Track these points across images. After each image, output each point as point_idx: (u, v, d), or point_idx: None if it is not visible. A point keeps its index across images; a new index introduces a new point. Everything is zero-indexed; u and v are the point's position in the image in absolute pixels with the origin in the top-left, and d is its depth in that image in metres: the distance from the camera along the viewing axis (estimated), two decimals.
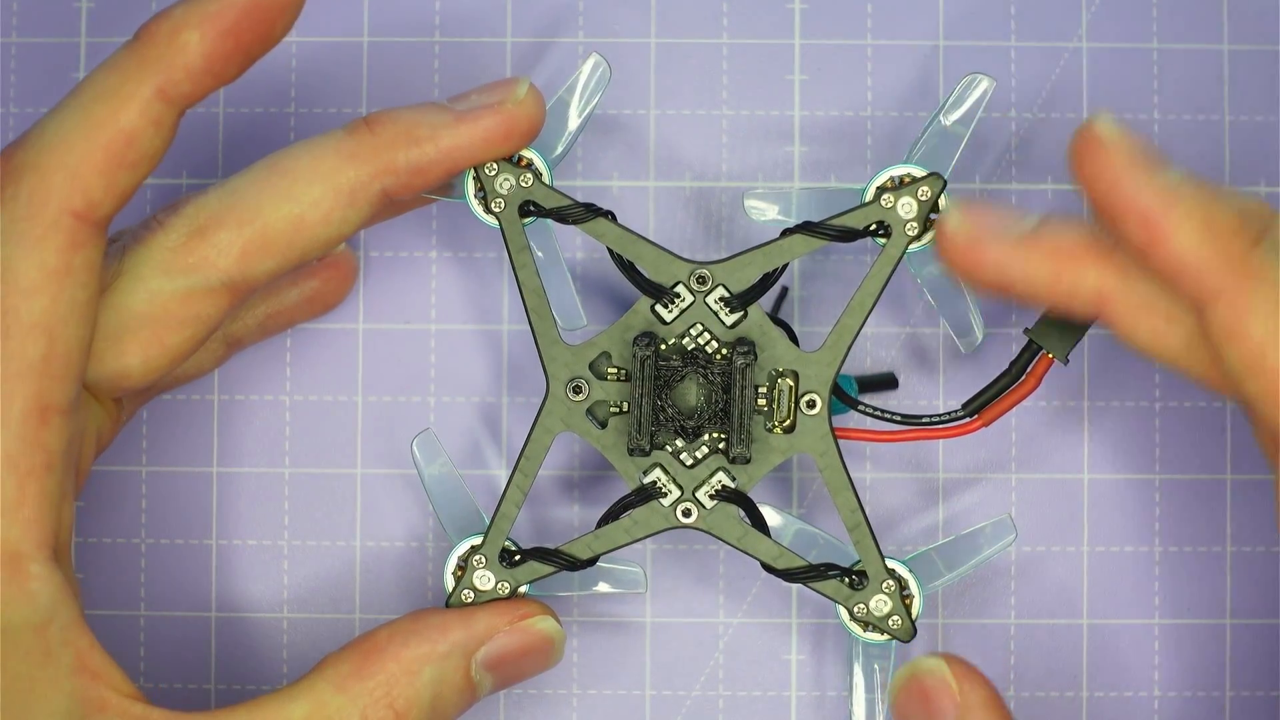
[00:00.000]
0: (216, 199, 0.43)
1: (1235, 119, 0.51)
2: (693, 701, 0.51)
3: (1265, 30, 0.51)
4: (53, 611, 0.40)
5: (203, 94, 0.41)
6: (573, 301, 0.47)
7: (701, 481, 0.45)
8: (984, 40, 0.51)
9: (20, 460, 0.40)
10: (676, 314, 0.45)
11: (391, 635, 0.43)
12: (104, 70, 0.41)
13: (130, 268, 0.43)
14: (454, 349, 0.51)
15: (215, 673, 0.51)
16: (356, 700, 0.42)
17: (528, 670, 0.45)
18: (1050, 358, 0.45)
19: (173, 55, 0.41)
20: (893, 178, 0.45)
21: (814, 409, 0.45)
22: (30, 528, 0.40)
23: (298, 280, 0.49)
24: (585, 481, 0.51)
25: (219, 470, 0.51)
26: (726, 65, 0.52)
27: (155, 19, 0.41)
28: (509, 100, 0.44)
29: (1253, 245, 0.39)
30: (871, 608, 0.45)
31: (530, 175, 0.45)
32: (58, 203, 0.40)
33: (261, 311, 0.49)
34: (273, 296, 0.49)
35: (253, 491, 0.51)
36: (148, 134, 0.41)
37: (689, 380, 0.45)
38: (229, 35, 0.41)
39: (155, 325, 0.43)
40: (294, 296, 0.49)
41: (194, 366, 0.48)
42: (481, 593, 0.45)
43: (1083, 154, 0.40)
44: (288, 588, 0.51)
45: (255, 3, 0.41)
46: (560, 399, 0.46)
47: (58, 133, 0.40)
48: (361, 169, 0.43)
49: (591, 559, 0.45)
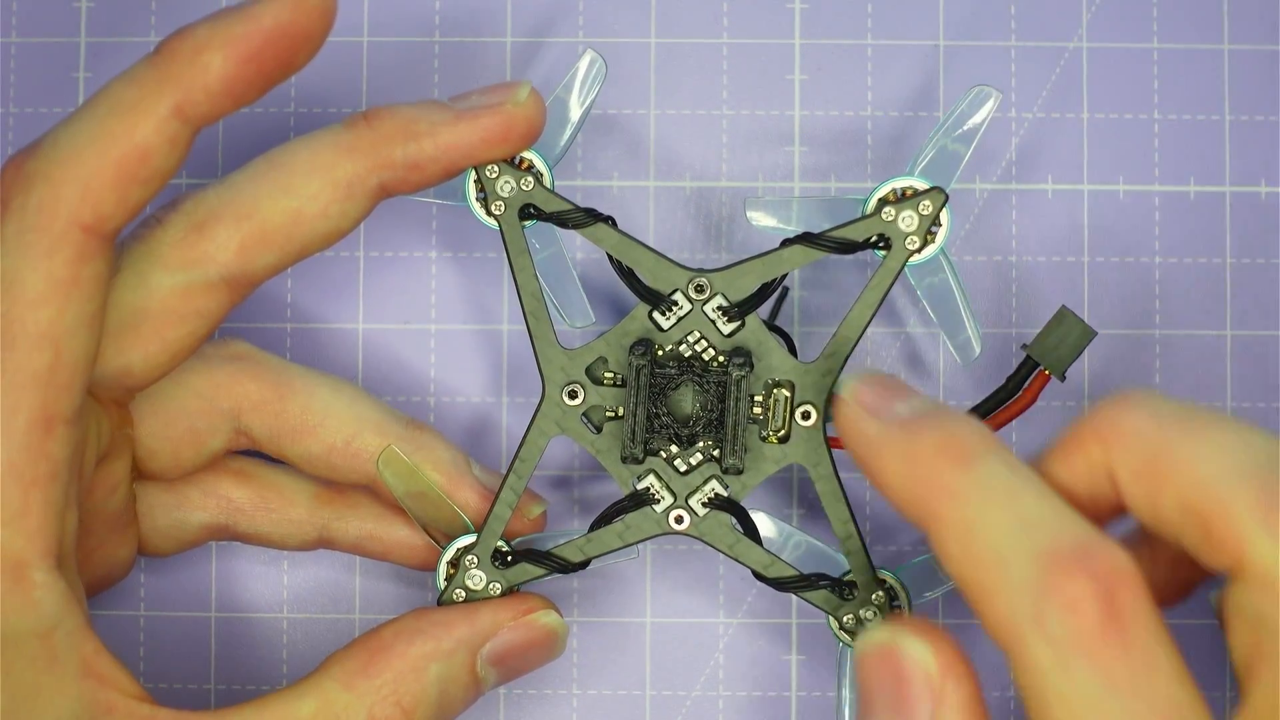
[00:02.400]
0: (215, 194, 0.43)
1: (1235, 119, 0.51)
2: (693, 701, 0.51)
3: (1265, 30, 0.51)
4: (58, 618, 0.40)
5: (219, 115, 0.41)
6: (580, 299, 0.47)
7: (695, 489, 0.45)
8: (984, 40, 0.51)
9: (25, 470, 0.40)
10: (674, 321, 0.45)
11: (397, 633, 0.44)
12: (122, 82, 0.41)
13: (129, 264, 0.43)
14: (454, 349, 0.51)
15: (215, 673, 0.51)
16: (364, 698, 0.42)
17: (532, 664, 0.45)
18: (1048, 374, 0.45)
19: (193, 75, 0.40)
20: (895, 190, 0.45)
21: (809, 420, 0.45)
22: (35, 537, 0.40)
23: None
24: (581, 481, 0.51)
25: None
26: (726, 65, 0.52)
27: (179, 35, 0.41)
28: (509, 102, 0.44)
29: (957, 465, 0.38)
30: (861, 618, 0.45)
31: (531, 178, 0.45)
32: (67, 215, 0.40)
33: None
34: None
35: None
36: (162, 151, 0.40)
37: (684, 388, 0.45)
38: (252, 60, 0.40)
39: (155, 321, 0.43)
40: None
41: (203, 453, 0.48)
42: (473, 592, 0.45)
43: (835, 419, 0.42)
44: (288, 588, 0.51)
45: (280, 30, 0.40)
46: (556, 402, 0.46)
47: (71, 144, 0.40)
48: (359, 163, 0.43)
49: (583, 562, 0.46)
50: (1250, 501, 0.35)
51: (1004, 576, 0.36)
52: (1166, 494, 0.37)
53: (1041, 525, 0.36)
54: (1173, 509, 0.37)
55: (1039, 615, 0.35)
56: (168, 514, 0.47)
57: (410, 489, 0.46)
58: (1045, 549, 0.36)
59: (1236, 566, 0.35)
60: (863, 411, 0.41)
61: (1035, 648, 0.35)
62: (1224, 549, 0.36)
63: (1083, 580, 0.35)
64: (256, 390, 0.47)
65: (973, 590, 0.37)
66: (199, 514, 0.48)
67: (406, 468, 0.46)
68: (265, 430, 0.47)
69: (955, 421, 0.39)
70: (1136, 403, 0.38)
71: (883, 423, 0.40)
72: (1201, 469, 0.36)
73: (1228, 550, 0.36)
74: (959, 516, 0.37)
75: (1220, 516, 0.36)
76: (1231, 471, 0.36)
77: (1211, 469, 0.36)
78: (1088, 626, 0.35)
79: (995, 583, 0.36)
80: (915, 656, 0.38)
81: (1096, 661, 0.35)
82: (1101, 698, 0.35)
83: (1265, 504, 0.35)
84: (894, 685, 0.38)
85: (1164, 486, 0.37)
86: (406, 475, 0.46)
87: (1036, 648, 0.35)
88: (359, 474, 0.47)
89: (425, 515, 0.46)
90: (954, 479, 0.38)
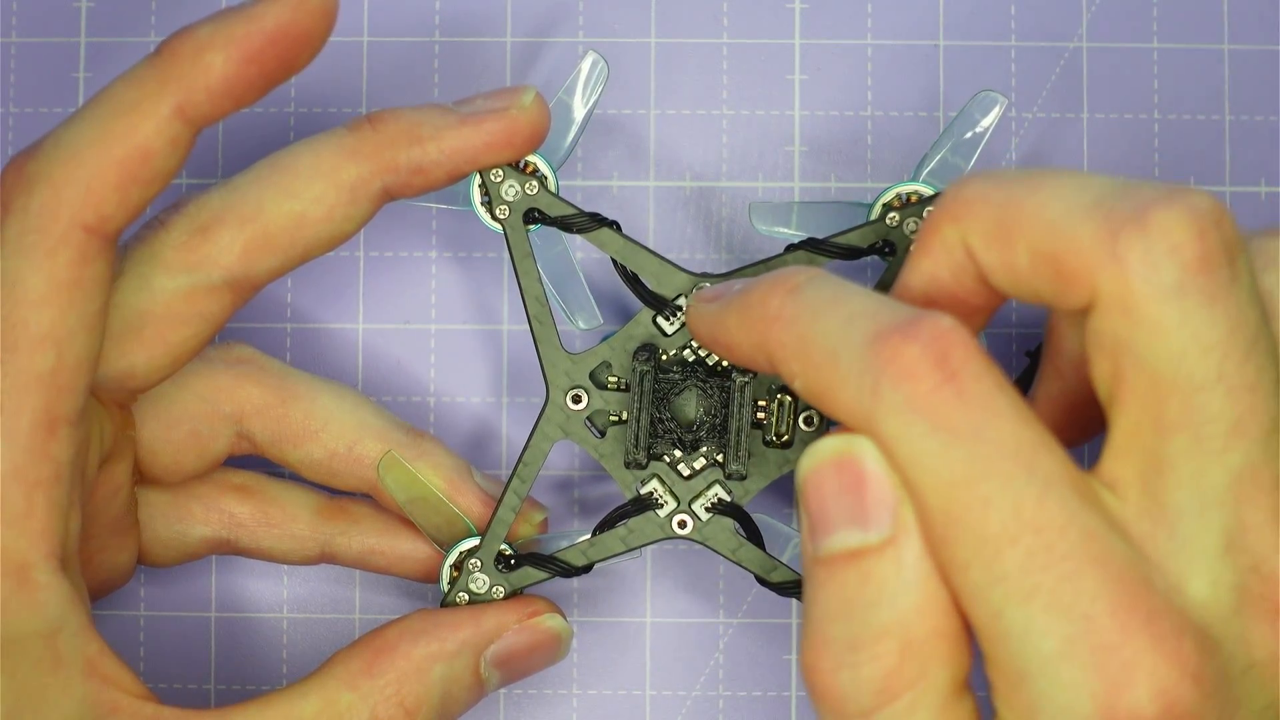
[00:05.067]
0: (218, 197, 0.43)
1: (1235, 119, 0.51)
2: (693, 701, 0.51)
3: (1265, 30, 0.51)
4: (62, 620, 0.40)
5: (221, 115, 0.41)
6: (587, 299, 0.47)
7: (698, 494, 0.45)
8: (984, 40, 0.51)
9: (28, 471, 0.40)
10: (678, 326, 0.45)
11: (401, 633, 0.44)
12: (123, 83, 0.41)
13: (132, 266, 0.43)
14: (454, 349, 0.51)
15: (215, 673, 0.51)
16: (367, 698, 0.43)
17: (535, 666, 0.46)
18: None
19: (195, 75, 0.40)
20: (899, 195, 0.45)
21: (812, 425, 0.45)
22: (39, 538, 0.40)
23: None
24: (583, 482, 0.51)
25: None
26: (726, 65, 0.52)
27: (180, 35, 0.41)
28: (514, 106, 0.44)
29: (787, 295, 0.39)
30: None
31: (535, 182, 0.45)
32: (69, 216, 0.40)
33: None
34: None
35: None
36: (163, 151, 0.40)
37: (688, 393, 0.45)
38: (253, 60, 0.40)
39: (158, 323, 0.43)
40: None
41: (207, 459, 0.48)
42: (477, 595, 0.46)
43: (688, 326, 0.43)
44: (288, 588, 0.51)
45: (282, 30, 0.40)
46: (560, 407, 0.46)
47: (72, 145, 0.40)
48: (363, 166, 0.43)
49: (586, 566, 0.46)
50: (1094, 231, 0.36)
51: (841, 368, 0.36)
52: (1018, 248, 0.37)
53: (866, 315, 0.36)
54: (1025, 262, 0.37)
55: (876, 390, 0.35)
56: (169, 526, 0.47)
57: (411, 494, 0.46)
58: (873, 332, 0.36)
59: (1090, 297, 0.36)
60: (703, 302, 0.42)
61: (882, 422, 0.35)
62: (1077, 284, 0.36)
63: (912, 347, 0.35)
64: (259, 395, 0.47)
65: (819, 396, 0.37)
66: (200, 528, 0.48)
67: (407, 473, 0.46)
68: (267, 435, 0.47)
69: (780, 270, 0.40)
70: (979, 175, 0.38)
71: (721, 300, 0.41)
72: (1046, 213, 0.36)
73: (1080, 284, 0.36)
74: (792, 334, 0.38)
75: (1069, 252, 0.36)
76: (1074, 209, 0.36)
77: (1055, 210, 0.36)
78: (924, 389, 0.35)
79: (834, 377, 0.36)
80: (876, 459, 0.36)
81: (937, 418, 0.35)
82: (946, 451, 0.35)
83: (1108, 230, 0.35)
84: (854, 492, 0.36)
85: (1014, 241, 0.37)
86: (407, 480, 0.46)
87: (883, 421, 0.35)
88: (360, 480, 0.47)
89: (426, 520, 0.47)
90: (785, 306, 0.38)
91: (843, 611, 0.36)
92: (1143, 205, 0.35)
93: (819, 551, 0.36)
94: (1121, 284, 0.35)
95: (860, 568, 0.36)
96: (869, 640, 0.36)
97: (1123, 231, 0.35)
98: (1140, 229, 0.35)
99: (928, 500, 0.35)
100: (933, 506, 0.35)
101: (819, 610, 0.36)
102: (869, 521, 0.36)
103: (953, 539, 0.35)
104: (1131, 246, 0.35)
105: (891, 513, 0.36)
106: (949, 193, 0.38)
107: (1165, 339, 0.35)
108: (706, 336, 0.42)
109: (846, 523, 0.36)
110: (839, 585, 0.36)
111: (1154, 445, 0.35)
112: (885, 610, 0.36)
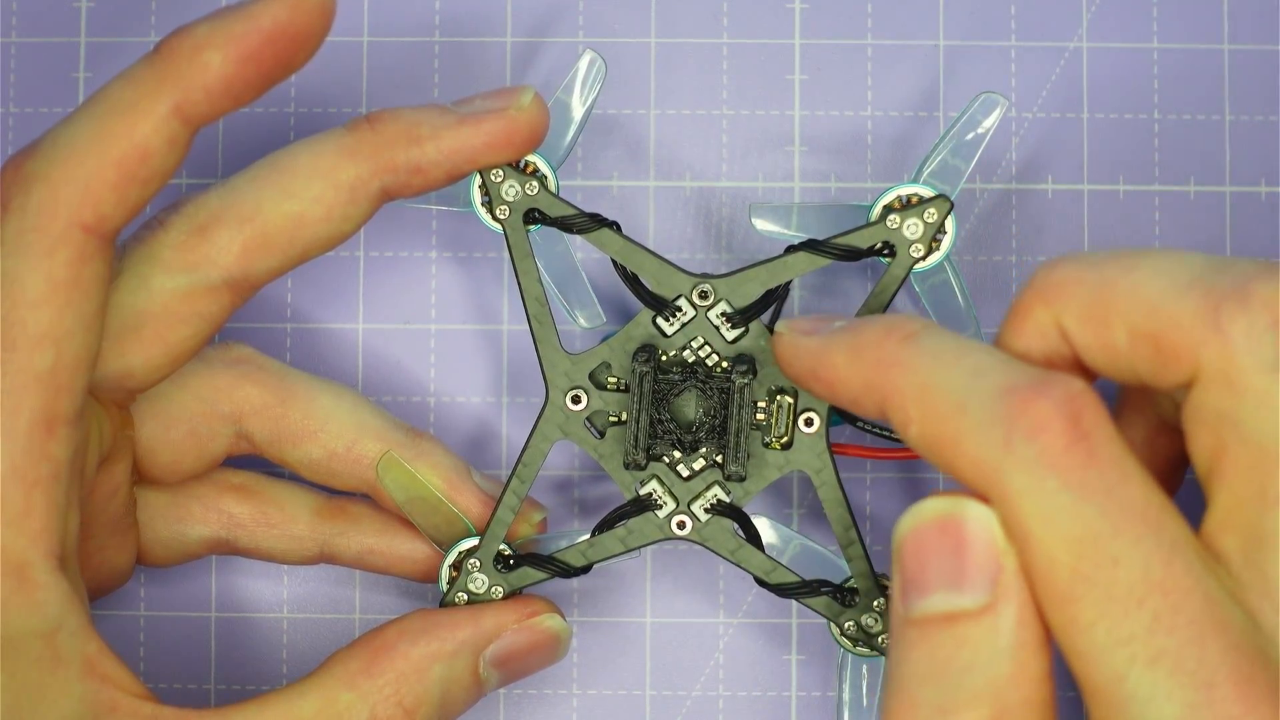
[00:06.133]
0: (217, 197, 0.43)
1: (1235, 119, 0.51)
2: (693, 701, 0.51)
3: (1265, 30, 0.51)
4: (61, 619, 0.40)
5: (219, 114, 0.41)
6: (589, 298, 0.47)
7: (697, 495, 0.45)
8: (984, 40, 0.51)
9: (27, 471, 0.40)
10: (678, 327, 0.45)
11: (401, 633, 0.44)
12: (120, 82, 0.41)
13: (131, 266, 0.43)
14: (454, 349, 0.51)
15: (215, 673, 0.51)
16: (366, 697, 0.43)
17: (534, 666, 0.46)
18: None
19: (193, 74, 0.40)
20: (900, 197, 0.45)
21: (812, 427, 0.45)
22: (37, 538, 0.40)
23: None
24: (582, 482, 0.51)
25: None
26: (726, 65, 0.52)
27: (177, 34, 0.41)
28: (513, 106, 0.44)
29: (904, 341, 0.39)
30: (862, 625, 0.45)
31: (535, 183, 0.45)
32: (67, 215, 0.40)
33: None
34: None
35: None
36: (161, 151, 0.40)
37: (688, 394, 0.45)
38: (251, 59, 0.40)
39: (157, 323, 0.43)
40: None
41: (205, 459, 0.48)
42: (476, 595, 0.46)
43: (776, 355, 0.43)
44: (287, 588, 0.51)
45: (280, 29, 0.40)
46: (559, 407, 0.46)
47: (70, 144, 0.40)
48: (361, 166, 0.43)
49: (585, 566, 0.46)
50: (1196, 307, 0.36)
51: (967, 420, 0.36)
52: (1115, 328, 0.37)
53: (994, 370, 0.37)
54: (1123, 341, 0.37)
55: (1008, 442, 0.35)
56: (168, 526, 0.47)
57: (410, 494, 0.46)
58: (1005, 386, 0.36)
59: (1191, 373, 0.36)
60: (800, 335, 0.41)
61: (1010, 476, 0.35)
62: (1177, 360, 0.36)
63: (1045, 404, 0.35)
64: (258, 394, 0.47)
65: (939, 447, 0.37)
66: (199, 528, 0.48)
67: (406, 473, 0.46)
68: (266, 435, 0.47)
69: (891, 315, 0.40)
70: (1068, 258, 0.39)
71: (822, 335, 0.41)
72: (1143, 291, 0.37)
73: (1181, 360, 0.36)
74: (913, 381, 0.37)
75: (1169, 330, 0.36)
76: (1173, 287, 0.36)
77: (1154, 289, 0.37)
78: (1057, 445, 0.35)
79: (960, 428, 0.36)
80: (981, 522, 0.36)
81: (1069, 475, 0.35)
82: (1078, 507, 0.35)
83: (1210, 306, 0.36)
84: (955, 555, 0.36)
85: (1111, 321, 0.37)
86: (406, 480, 0.46)
87: (1011, 475, 0.35)
88: (359, 480, 0.47)
89: (425, 520, 0.47)
90: (902, 352, 0.38)
91: (933, 674, 0.36)
92: (1243, 280, 0.36)
93: (911, 612, 0.36)
94: (1225, 358, 0.35)
95: (955, 632, 0.36)
96: (960, 706, 0.35)
97: (1224, 306, 0.35)
98: (1242, 303, 0.35)
99: (1055, 556, 0.35)
100: (1060, 563, 0.35)
101: (908, 670, 0.36)
102: (967, 586, 0.36)
103: (1079, 596, 0.35)
104: (1235, 320, 0.35)
105: (991, 579, 0.36)
106: (1040, 275, 0.39)
107: (1271, 411, 0.35)
108: (804, 370, 0.41)
109: (944, 585, 0.36)
110: (931, 647, 0.36)
111: (1257, 518, 0.35)
112: (979, 676, 0.35)
